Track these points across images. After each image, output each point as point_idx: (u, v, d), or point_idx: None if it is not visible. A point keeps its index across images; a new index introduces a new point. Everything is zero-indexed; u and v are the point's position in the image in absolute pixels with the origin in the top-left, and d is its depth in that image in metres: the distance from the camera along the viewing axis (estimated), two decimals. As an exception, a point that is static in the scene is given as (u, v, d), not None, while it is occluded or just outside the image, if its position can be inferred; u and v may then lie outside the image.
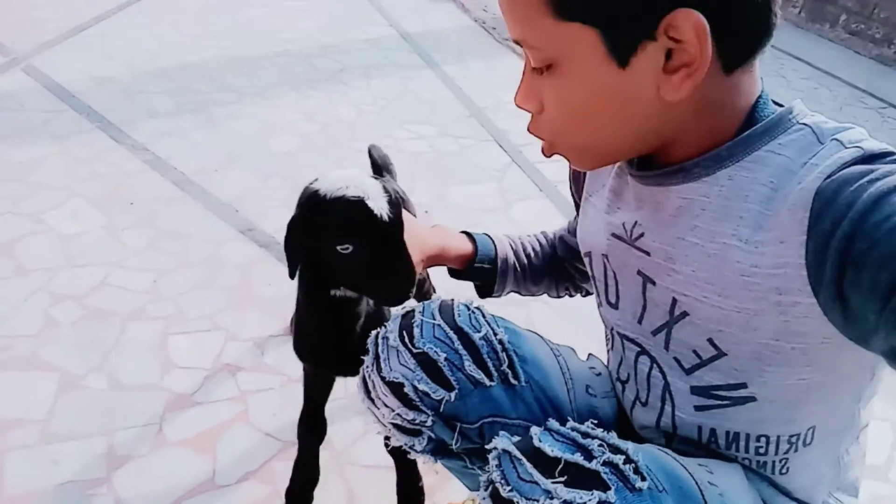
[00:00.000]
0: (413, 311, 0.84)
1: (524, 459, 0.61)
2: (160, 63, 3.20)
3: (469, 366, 0.78)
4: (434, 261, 1.00)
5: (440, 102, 3.15)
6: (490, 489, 0.63)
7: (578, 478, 0.58)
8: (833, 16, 4.96)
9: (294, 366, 1.56)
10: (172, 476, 1.29)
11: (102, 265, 1.84)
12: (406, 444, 0.83)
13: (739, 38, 0.59)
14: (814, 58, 4.48)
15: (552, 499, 0.57)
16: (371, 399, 0.83)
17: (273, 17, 4.05)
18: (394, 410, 0.80)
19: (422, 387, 0.77)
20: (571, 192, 0.99)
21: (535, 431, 0.64)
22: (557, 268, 1.08)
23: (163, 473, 1.30)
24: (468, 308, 0.84)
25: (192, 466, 1.32)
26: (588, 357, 0.96)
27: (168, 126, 2.62)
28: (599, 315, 0.86)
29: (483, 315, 0.84)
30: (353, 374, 0.91)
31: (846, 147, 0.58)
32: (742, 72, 0.62)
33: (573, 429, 0.65)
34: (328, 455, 1.31)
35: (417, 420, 0.79)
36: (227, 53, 3.41)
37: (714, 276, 0.63)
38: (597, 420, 0.85)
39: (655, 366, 0.75)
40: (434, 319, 0.81)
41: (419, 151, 2.67)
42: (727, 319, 0.63)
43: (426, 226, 1.02)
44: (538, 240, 1.10)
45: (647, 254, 0.71)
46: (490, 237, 1.05)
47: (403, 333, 0.80)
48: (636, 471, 0.59)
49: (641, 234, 0.72)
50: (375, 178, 0.90)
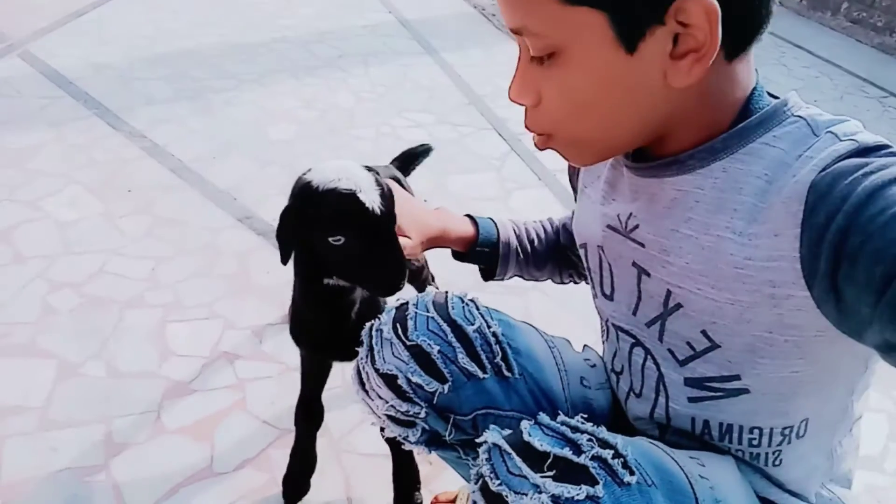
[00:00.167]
0: (407, 304, 0.84)
1: (513, 453, 0.62)
2: (157, 49, 3.19)
3: (462, 358, 0.79)
4: (435, 243, 1.00)
5: (439, 90, 3.14)
6: (480, 483, 0.63)
7: (567, 472, 0.59)
8: (834, 4, 4.93)
9: (292, 354, 1.57)
10: (170, 463, 1.30)
11: (100, 252, 1.84)
12: (400, 436, 0.83)
13: (743, 24, 0.59)
14: (815, 46, 4.46)
15: (541, 493, 0.58)
16: (365, 391, 0.84)
17: (271, 3, 4.03)
18: (388, 402, 0.80)
19: (415, 379, 0.78)
20: (571, 183, 0.99)
21: (525, 426, 0.64)
22: (560, 255, 1.09)
23: (160, 461, 1.31)
24: (462, 300, 0.84)
25: (190, 454, 1.32)
26: (583, 348, 0.96)
27: (165, 113, 2.61)
28: (595, 306, 0.87)
29: (477, 307, 0.84)
30: (350, 360, 0.92)
31: (841, 140, 0.58)
32: (739, 61, 0.62)
33: (563, 423, 0.65)
34: (325, 443, 1.32)
35: (411, 412, 0.79)
36: (226, 40, 3.40)
37: (708, 269, 0.63)
38: (591, 412, 0.86)
39: (650, 357, 0.75)
40: (428, 312, 0.81)
41: (418, 140, 2.64)
42: (721, 311, 0.63)
43: (429, 208, 1.03)
44: (543, 226, 1.10)
45: (642, 245, 0.71)
46: (494, 221, 1.06)
47: (397, 326, 0.81)
48: (625, 465, 0.59)
49: (636, 226, 0.72)
50: (368, 170, 0.91)
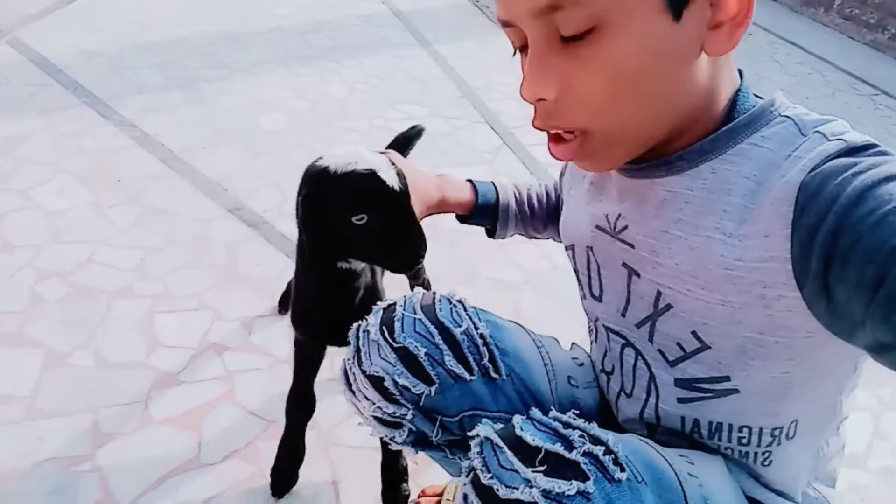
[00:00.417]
0: (394, 305, 0.84)
1: (505, 447, 0.62)
2: (149, 37, 3.15)
3: (449, 360, 0.79)
4: (434, 209, 1.01)
5: (432, 82, 3.13)
6: (471, 475, 0.64)
7: (558, 467, 0.59)
8: (828, 0, 4.93)
9: (280, 346, 1.58)
10: (157, 454, 1.30)
11: (89, 242, 1.83)
12: (387, 437, 0.84)
13: None
14: (808, 42, 4.47)
15: (532, 487, 0.58)
16: (352, 391, 0.84)
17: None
18: (374, 404, 0.80)
19: (402, 381, 0.78)
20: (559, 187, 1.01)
21: (518, 420, 0.65)
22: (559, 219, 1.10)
23: (147, 451, 1.31)
24: (450, 302, 0.85)
25: (177, 445, 1.33)
26: (571, 347, 0.96)
27: (156, 102, 2.59)
28: (583, 307, 0.87)
29: (465, 309, 0.85)
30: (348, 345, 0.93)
31: (829, 139, 0.59)
32: (726, 58, 0.62)
33: (555, 418, 0.65)
34: (314, 435, 1.33)
35: (398, 413, 0.79)
36: (218, 28, 3.37)
37: (698, 270, 0.64)
38: (578, 411, 0.86)
39: (640, 358, 0.76)
40: (415, 313, 0.81)
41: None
42: (711, 312, 0.64)
43: (430, 174, 1.03)
44: (546, 190, 1.11)
45: (632, 246, 0.72)
46: (494, 185, 1.07)
47: (384, 327, 0.81)
48: (616, 462, 0.60)
49: (625, 227, 0.73)
50: (377, 153, 0.93)
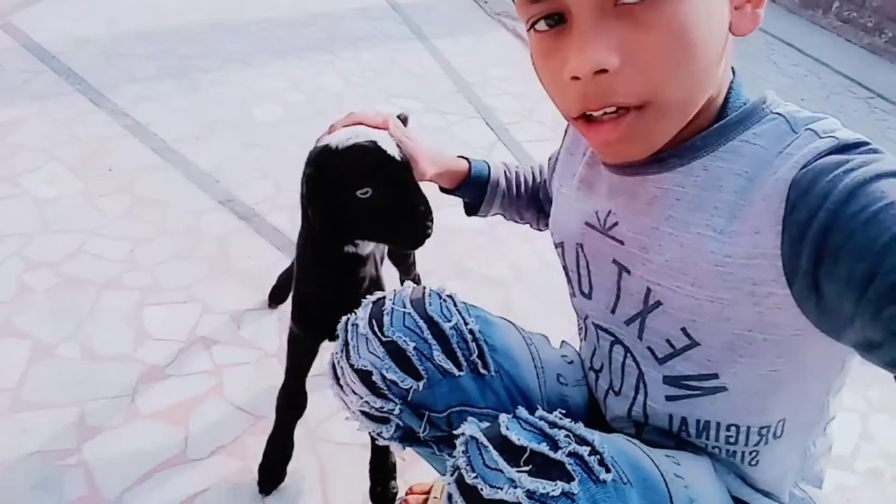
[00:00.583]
0: (384, 299, 0.83)
1: (490, 447, 0.62)
2: (143, 25, 3.13)
3: (438, 355, 0.78)
4: (437, 171, 1.02)
5: (428, 76, 3.11)
6: (455, 474, 0.63)
7: (544, 467, 0.59)
8: (826, 3, 4.93)
9: (270, 340, 1.56)
10: (143, 448, 1.29)
11: (79, 232, 1.81)
12: (374, 431, 0.83)
13: None
14: (805, 44, 4.47)
15: (516, 487, 0.58)
16: (340, 385, 0.83)
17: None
18: (362, 398, 0.80)
19: (390, 375, 0.77)
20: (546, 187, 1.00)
21: (503, 419, 0.64)
22: (539, 205, 1.10)
23: (134, 445, 1.29)
24: (440, 297, 0.84)
25: (164, 439, 1.31)
26: (561, 344, 0.96)
27: (149, 91, 2.57)
28: (572, 305, 0.87)
29: (454, 304, 0.84)
30: None
31: (821, 137, 0.59)
32: (729, 51, 0.63)
33: (541, 418, 0.65)
34: (302, 431, 1.31)
35: (385, 408, 0.79)
36: (214, 17, 3.34)
37: (688, 266, 0.64)
38: (567, 409, 0.86)
39: (629, 355, 0.75)
40: (404, 308, 0.81)
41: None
42: (701, 309, 0.64)
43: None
44: (532, 172, 1.11)
45: (621, 243, 0.71)
46: (487, 163, 1.07)
47: (373, 321, 0.80)
48: (601, 462, 0.60)
49: (615, 224, 0.72)
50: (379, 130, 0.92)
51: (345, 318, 0.84)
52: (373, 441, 1.22)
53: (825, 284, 0.53)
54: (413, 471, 1.30)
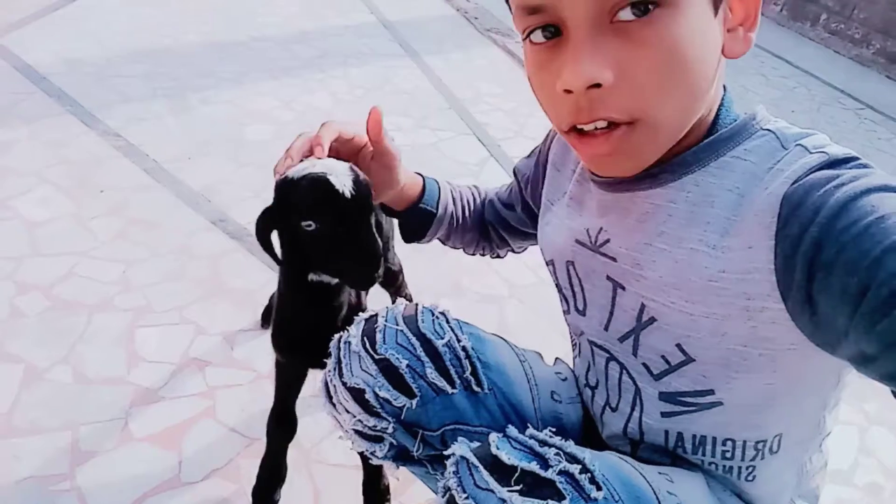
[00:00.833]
0: (376, 316, 0.83)
1: (481, 466, 0.62)
2: (135, 45, 3.13)
3: (431, 373, 0.78)
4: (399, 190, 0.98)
5: (419, 93, 3.12)
6: (447, 496, 0.63)
7: (534, 486, 0.59)
8: (814, 14, 4.99)
9: (263, 361, 1.55)
10: (137, 472, 1.28)
11: (70, 254, 1.80)
12: (367, 451, 0.82)
13: None
14: (794, 56, 4.51)
15: None
16: (333, 404, 0.83)
17: (253, 0, 3.99)
18: (355, 416, 0.79)
19: (383, 393, 0.77)
20: (522, 194, 0.99)
21: (494, 438, 0.64)
22: (482, 228, 1.08)
23: (127, 469, 1.28)
24: (432, 314, 0.84)
25: (158, 462, 1.30)
26: (555, 361, 0.96)
27: (141, 111, 2.57)
28: (566, 322, 0.86)
29: (447, 321, 0.84)
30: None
31: (811, 152, 0.59)
32: (722, 69, 0.63)
33: (531, 436, 0.65)
34: (296, 453, 1.30)
35: (378, 427, 0.78)
36: (205, 37, 3.35)
37: (681, 282, 0.63)
38: (561, 427, 0.85)
39: (625, 372, 0.75)
40: (397, 325, 0.80)
41: (397, 143, 2.65)
42: (695, 325, 0.63)
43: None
44: (473, 195, 1.08)
45: (614, 259, 0.71)
46: (437, 184, 1.04)
47: (366, 339, 0.80)
48: (592, 480, 0.60)
49: (607, 241, 0.72)
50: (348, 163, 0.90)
51: (337, 336, 0.84)
52: (365, 462, 1.20)
53: (819, 298, 0.53)
54: (408, 492, 1.29)
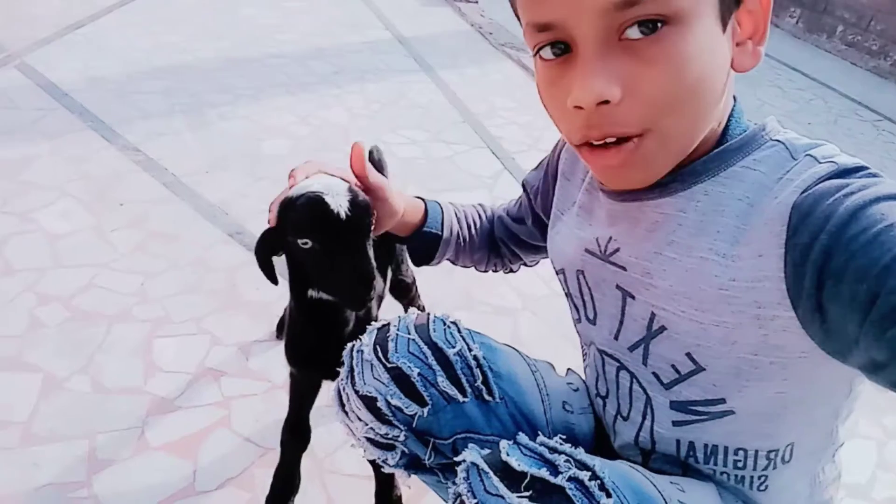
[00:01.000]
0: (388, 325, 0.84)
1: (491, 473, 0.62)
2: (155, 62, 3.19)
3: (442, 381, 0.78)
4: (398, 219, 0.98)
5: (434, 107, 3.15)
6: (457, 502, 0.63)
7: (544, 493, 0.59)
8: (830, 27, 4.97)
9: (278, 371, 1.56)
10: (153, 480, 1.29)
11: (90, 266, 1.83)
12: (379, 459, 0.83)
13: None
14: (810, 68, 4.50)
15: None
16: (345, 412, 0.84)
17: (270, 18, 4.05)
18: (367, 424, 0.80)
19: (395, 401, 0.77)
20: (532, 206, 1.00)
21: (504, 445, 0.65)
22: (492, 245, 1.08)
23: (143, 478, 1.29)
24: (444, 323, 0.84)
25: (173, 471, 1.31)
26: (567, 372, 0.96)
27: (161, 126, 2.62)
28: (577, 331, 0.87)
29: (458, 330, 0.84)
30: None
31: (820, 162, 0.59)
32: (733, 81, 0.64)
33: (542, 443, 0.65)
34: (309, 463, 1.31)
35: (390, 435, 0.79)
36: (223, 54, 3.41)
37: (692, 291, 0.64)
38: (573, 436, 0.85)
39: (635, 381, 0.75)
40: (409, 334, 0.81)
41: (411, 157, 2.67)
42: (706, 334, 0.64)
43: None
44: (479, 213, 1.09)
45: (624, 269, 0.71)
46: (440, 206, 1.04)
47: (378, 347, 0.81)
48: (602, 487, 0.60)
49: (616, 250, 0.72)
50: (347, 182, 0.91)
51: (350, 345, 0.85)
52: (377, 471, 1.21)
53: (829, 306, 0.53)
54: (420, 503, 1.29)
